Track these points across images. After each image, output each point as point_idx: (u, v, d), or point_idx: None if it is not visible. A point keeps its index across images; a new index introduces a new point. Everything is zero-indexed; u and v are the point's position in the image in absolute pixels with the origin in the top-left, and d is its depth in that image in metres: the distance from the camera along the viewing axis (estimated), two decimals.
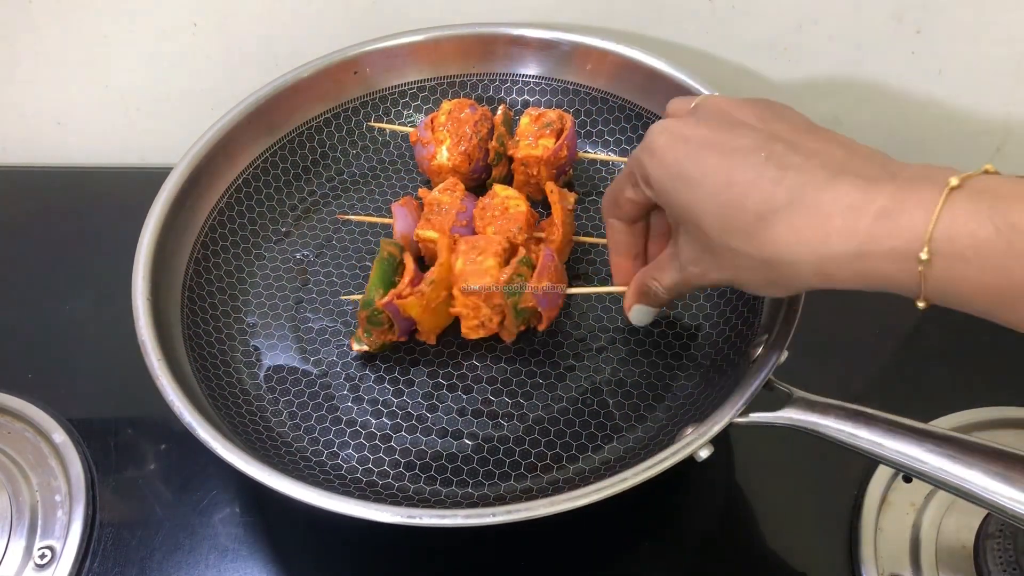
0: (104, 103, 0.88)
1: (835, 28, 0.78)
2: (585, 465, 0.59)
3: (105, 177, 0.90)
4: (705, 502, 0.63)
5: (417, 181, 0.78)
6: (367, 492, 0.57)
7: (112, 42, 0.83)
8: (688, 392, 0.62)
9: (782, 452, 0.64)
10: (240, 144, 0.72)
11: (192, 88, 0.87)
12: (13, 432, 0.67)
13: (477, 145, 0.72)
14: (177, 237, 0.66)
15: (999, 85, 0.82)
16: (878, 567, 0.58)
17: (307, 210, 0.76)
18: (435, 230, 0.65)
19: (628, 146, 0.78)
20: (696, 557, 0.61)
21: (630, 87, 0.77)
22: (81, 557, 0.60)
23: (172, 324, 0.62)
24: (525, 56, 0.79)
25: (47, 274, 0.80)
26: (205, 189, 0.70)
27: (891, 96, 0.83)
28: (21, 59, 0.85)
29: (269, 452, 0.58)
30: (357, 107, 0.79)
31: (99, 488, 0.64)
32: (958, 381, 0.68)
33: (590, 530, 0.61)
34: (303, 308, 0.68)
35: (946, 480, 0.46)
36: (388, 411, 0.62)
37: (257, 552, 0.60)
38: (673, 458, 0.49)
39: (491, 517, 0.48)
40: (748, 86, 0.83)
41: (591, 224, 0.74)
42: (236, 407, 0.61)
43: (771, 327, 0.56)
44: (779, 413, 0.51)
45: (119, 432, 0.67)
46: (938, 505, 0.60)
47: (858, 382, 0.69)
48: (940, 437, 0.47)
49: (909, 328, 0.72)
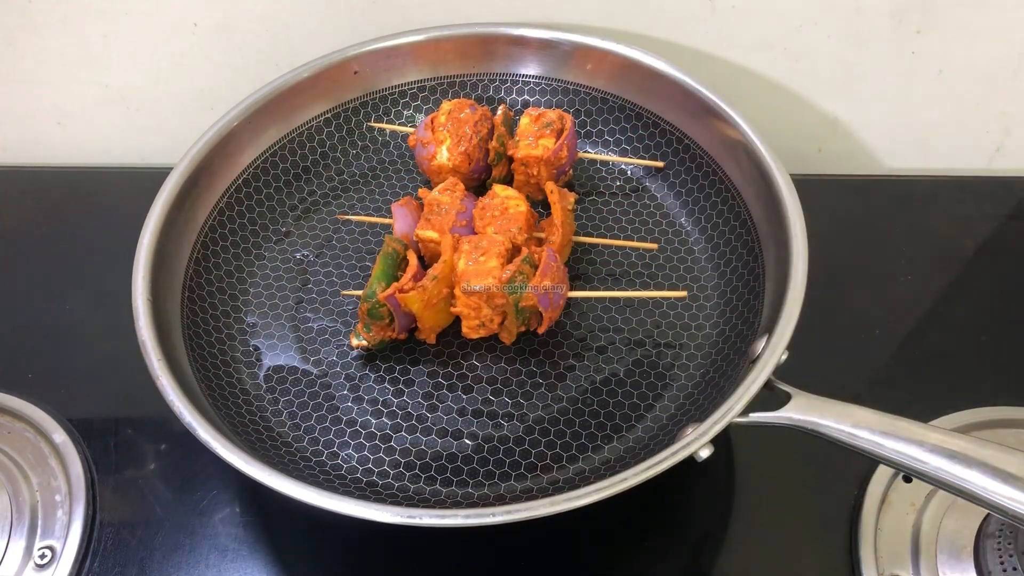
0: (104, 103, 0.88)
1: (835, 28, 0.78)
2: (585, 465, 0.59)
3: (105, 177, 0.90)
4: (705, 502, 0.63)
5: (417, 181, 0.78)
6: (367, 492, 0.57)
7: (112, 42, 0.83)
8: (688, 392, 0.62)
9: (782, 452, 0.64)
10: (240, 144, 0.72)
11: (192, 88, 0.87)
12: (13, 432, 0.67)
13: (477, 145, 0.72)
14: (177, 237, 0.66)
15: (999, 85, 0.82)
16: (878, 567, 0.58)
17: (307, 210, 0.76)
18: (435, 230, 0.65)
19: (628, 146, 0.78)
20: (696, 557, 0.61)
21: (630, 87, 0.77)
22: (81, 557, 0.60)
23: (172, 324, 0.62)
24: (525, 56, 0.79)
25: (47, 274, 0.80)
26: (205, 189, 0.70)
27: (891, 96, 0.83)
28: (21, 59, 0.85)
29: (269, 452, 0.58)
30: (357, 107, 0.79)
31: (99, 488, 0.64)
32: (958, 381, 0.68)
33: (590, 530, 0.61)
34: (303, 308, 0.68)
35: (946, 480, 0.46)
36: (388, 411, 0.62)
37: (257, 552, 0.60)
38: (673, 458, 0.49)
39: (491, 517, 0.48)
40: (748, 86, 0.83)
41: (591, 224, 0.74)
42: (236, 407, 0.61)
43: (771, 327, 0.56)
44: (779, 413, 0.51)
45: (119, 432, 0.67)
46: (938, 505, 0.60)
47: (858, 382, 0.69)
48: (940, 437, 0.47)
49: (909, 328, 0.72)
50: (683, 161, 0.74)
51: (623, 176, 0.78)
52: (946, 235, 0.80)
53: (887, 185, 0.86)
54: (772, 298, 0.61)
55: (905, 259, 0.77)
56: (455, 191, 0.68)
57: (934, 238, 0.79)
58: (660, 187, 0.76)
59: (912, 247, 0.78)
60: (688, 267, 0.70)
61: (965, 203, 0.82)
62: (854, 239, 0.80)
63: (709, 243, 0.71)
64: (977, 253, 0.78)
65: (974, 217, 0.81)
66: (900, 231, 0.80)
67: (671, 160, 0.75)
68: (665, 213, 0.74)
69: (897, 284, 0.75)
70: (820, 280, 0.60)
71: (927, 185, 0.85)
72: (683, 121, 0.74)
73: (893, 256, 0.78)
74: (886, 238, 0.79)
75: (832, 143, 0.87)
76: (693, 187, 0.73)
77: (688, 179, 0.74)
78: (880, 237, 0.80)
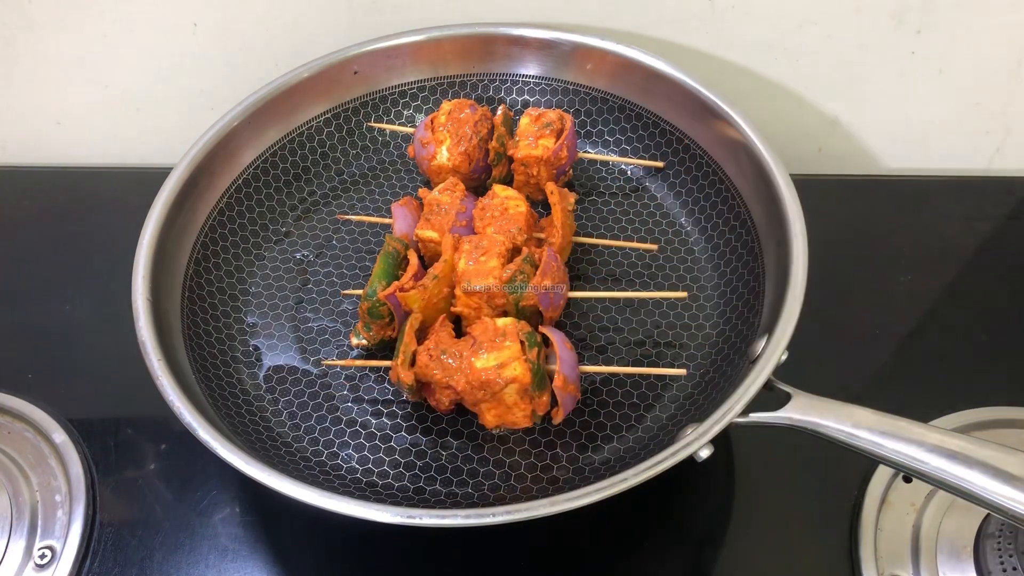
0: (104, 103, 0.88)
1: (835, 28, 0.78)
2: (585, 465, 0.59)
3: (105, 177, 0.90)
4: (705, 502, 0.63)
5: (417, 181, 0.78)
6: (367, 492, 0.57)
7: (112, 42, 0.83)
8: (688, 392, 0.62)
9: (782, 452, 0.64)
10: (240, 144, 0.72)
11: (192, 88, 0.87)
12: (13, 432, 0.67)
13: (477, 145, 0.72)
14: (177, 237, 0.66)
15: (999, 85, 0.82)
16: (878, 567, 0.58)
17: (307, 210, 0.76)
18: (434, 230, 0.65)
19: (628, 146, 0.78)
20: (696, 557, 0.61)
21: (630, 87, 0.77)
22: (81, 557, 0.60)
23: (172, 324, 0.62)
24: (525, 56, 0.79)
25: (47, 274, 0.80)
26: (205, 189, 0.70)
27: (891, 96, 0.83)
28: (21, 59, 0.85)
29: (269, 452, 0.58)
30: (357, 107, 0.79)
31: (99, 488, 0.64)
32: (958, 381, 0.68)
33: (590, 530, 0.61)
34: (303, 308, 0.68)
35: (946, 480, 0.46)
36: (388, 411, 0.62)
37: (257, 552, 0.60)
38: (673, 458, 0.49)
39: (491, 517, 0.48)
40: (748, 86, 0.83)
41: (591, 224, 0.74)
42: (236, 407, 0.61)
43: (771, 327, 0.56)
44: (779, 413, 0.51)
45: (119, 432, 0.67)
46: (938, 505, 0.60)
47: (858, 382, 0.69)
48: (940, 437, 0.47)
49: (909, 328, 0.72)
50: (683, 161, 0.74)
51: (623, 176, 0.78)
52: (946, 235, 0.80)
53: (887, 185, 0.86)
54: (772, 298, 0.61)
55: (905, 259, 0.77)
56: (455, 191, 0.68)
57: (934, 238, 0.79)
58: (660, 187, 0.76)
59: (912, 247, 0.78)
60: (688, 267, 0.70)
61: (965, 203, 0.82)
62: (854, 239, 0.80)
63: (709, 243, 0.71)
64: (977, 253, 0.78)
65: (974, 217, 0.81)
66: (900, 231, 0.80)
67: (671, 160, 0.75)
68: (665, 213, 0.74)
69: (897, 284, 0.75)
70: (820, 280, 0.60)
71: (927, 185, 0.85)
72: (683, 121, 0.74)
73: (893, 256, 0.78)
74: (886, 238, 0.79)
75: (832, 143, 0.87)
76: (693, 187, 0.73)
77: (688, 179, 0.74)
78: (880, 237, 0.80)
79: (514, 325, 0.58)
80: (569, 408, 0.58)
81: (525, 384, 0.55)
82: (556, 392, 0.56)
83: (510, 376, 0.55)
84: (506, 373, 0.55)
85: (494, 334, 0.57)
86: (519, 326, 0.58)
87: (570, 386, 0.57)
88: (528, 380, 0.55)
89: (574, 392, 0.58)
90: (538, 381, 0.56)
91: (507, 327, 0.58)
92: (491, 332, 0.57)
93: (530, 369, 0.55)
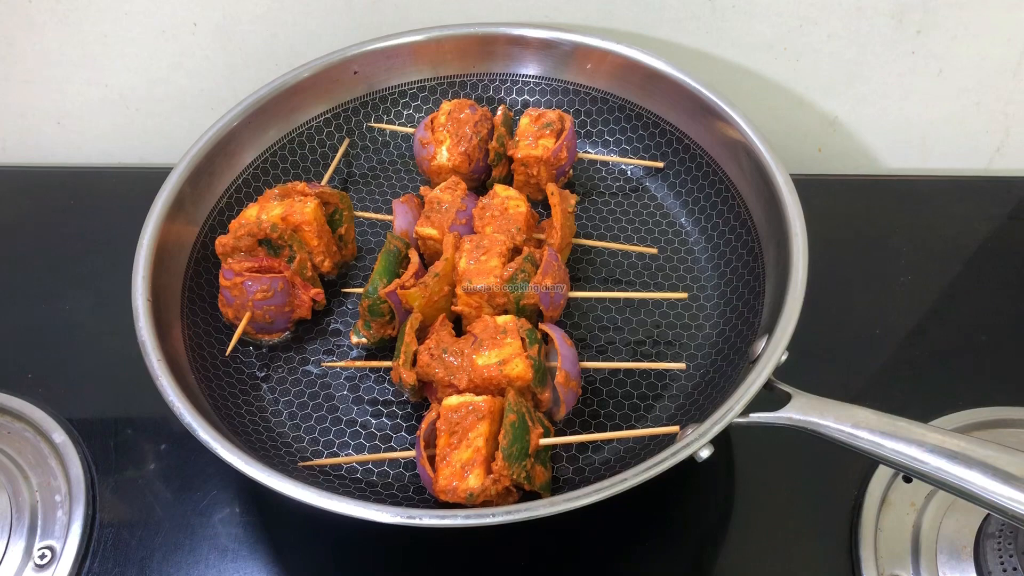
0: (104, 103, 0.88)
1: (835, 28, 0.78)
2: (585, 465, 0.59)
3: (105, 177, 0.90)
4: (705, 502, 0.63)
5: (417, 181, 0.78)
6: (367, 492, 0.57)
7: (112, 42, 0.83)
8: (688, 392, 0.62)
9: (782, 452, 0.64)
10: (240, 144, 0.72)
11: (192, 88, 0.87)
12: (13, 432, 0.67)
13: (477, 145, 0.72)
14: (177, 237, 0.66)
15: (999, 85, 0.82)
16: (878, 567, 0.58)
17: None
18: (434, 227, 0.65)
19: (628, 146, 0.78)
20: (696, 557, 0.61)
21: (630, 87, 0.77)
22: (81, 557, 0.60)
23: (172, 324, 0.62)
24: (525, 56, 0.79)
25: (47, 274, 0.80)
26: (205, 189, 0.70)
27: (891, 96, 0.83)
28: (21, 59, 0.85)
29: (269, 452, 0.58)
30: (357, 107, 0.79)
31: (99, 488, 0.64)
32: (958, 381, 0.68)
33: (590, 530, 0.61)
34: None
35: (946, 480, 0.46)
36: (388, 411, 0.62)
37: (257, 552, 0.60)
38: (673, 458, 0.49)
39: (491, 517, 0.48)
40: (748, 86, 0.83)
41: (591, 224, 0.74)
42: (236, 407, 0.61)
43: (771, 327, 0.56)
44: (779, 413, 0.51)
45: (119, 432, 0.67)
46: (938, 505, 0.60)
47: (858, 382, 0.69)
48: (940, 437, 0.47)
49: (909, 328, 0.72)
50: (683, 161, 0.74)
51: (623, 176, 0.78)
52: (946, 235, 0.80)
53: (887, 185, 0.86)
54: (772, 298, 0.61)
55: (905, 259, 0.77)
56: (456, 189, 0.68)
57: (934, 238, 0.79)
58: (660, 187, 0.76)
59: (912, 247, 0.78)
60: (688, 267, 0.70)
61: (965, 203, 0.83)
62: (854, 239, 0.80)
63: (709, 243, 0.71)
64: (977, 253, 0.78)
65: (974, 217, 0.81)
66: (900, 231, 0.80)
67: (671, 160, 0.75)
68: (665, 213, 0.74)
69: (897, 284, 0.75)
70: (820, 280, 0.60)
71: (927, 185, 0.85)
72: (683, 121, 0.74)
73: (893, 256, 0.78)
74: (886, 238, 0.79)
75: (832, 143, 0.87)
76: (693, 187, 0.73)
77: (688, 179, 0.74)
78: (880, 237, 0.80)
79: (515, 322, 0.58)
80: (571, 404, 0.58)
81: (527, 380, 0.56)
82: (558, 388, 0.56)
83: (512, 373, 0.55)
84: (508, 370, 0.55)
85: (495, 331, 0.57)
86: (519, 323, 0.58)
87: (572, 382, 0.57)
88: (530, 376, 0.55)
89: (576, 388, 0.58)
90: (540, 377, 0.56)
91: (508, 324, 0.58)
92: (492, 329, 0.57)
93: (532, 365, 0.55)
